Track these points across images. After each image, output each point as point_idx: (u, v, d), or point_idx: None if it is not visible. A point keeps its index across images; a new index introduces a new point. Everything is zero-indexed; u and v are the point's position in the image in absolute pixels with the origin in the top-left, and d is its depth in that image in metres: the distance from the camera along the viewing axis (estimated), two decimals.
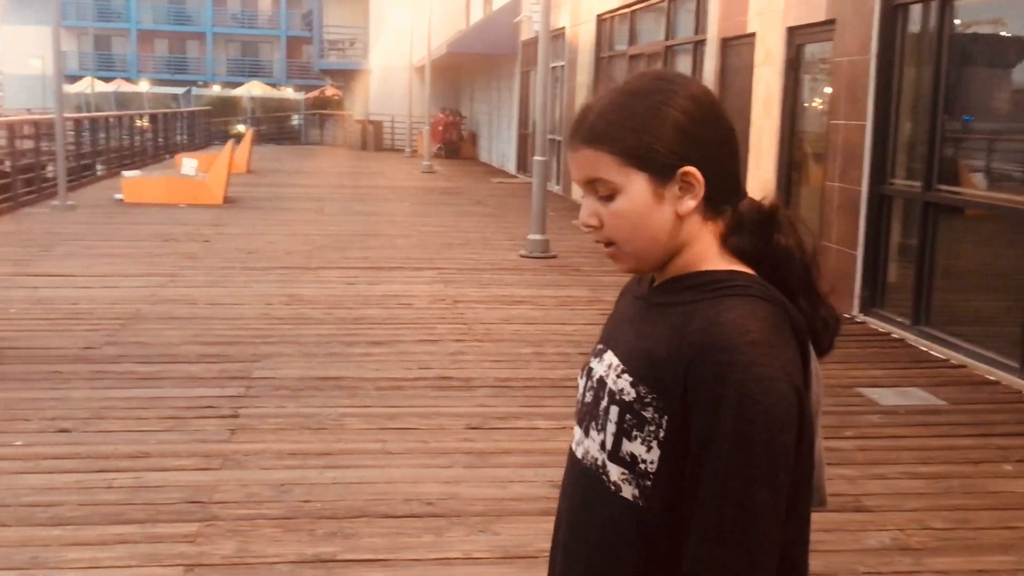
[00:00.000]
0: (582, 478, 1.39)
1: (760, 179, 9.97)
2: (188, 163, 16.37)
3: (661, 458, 1.29)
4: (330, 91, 47.02)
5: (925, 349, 7.09)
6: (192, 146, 29.85)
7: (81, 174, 18.76)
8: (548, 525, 3.95)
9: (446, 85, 34.60)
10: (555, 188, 18.54)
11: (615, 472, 1.33)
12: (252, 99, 46.43)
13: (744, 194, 1.39)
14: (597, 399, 1.38)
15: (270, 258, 10.55)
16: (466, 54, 26.46)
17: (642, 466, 1.30)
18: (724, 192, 1.36)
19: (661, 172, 1.33)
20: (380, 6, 35.95)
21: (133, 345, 6.66)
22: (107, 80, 50.56)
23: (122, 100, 46.06)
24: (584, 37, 17.05)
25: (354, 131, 36.03)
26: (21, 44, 58.02)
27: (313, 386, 5.83)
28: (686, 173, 1.32)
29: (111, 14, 58.29)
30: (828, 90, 9.02)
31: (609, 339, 1.43)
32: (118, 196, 15.72)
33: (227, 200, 15.93)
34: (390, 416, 5.33)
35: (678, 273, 1.37)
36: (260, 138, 34.87)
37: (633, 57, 14.82)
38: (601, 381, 1.38)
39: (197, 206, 15.19)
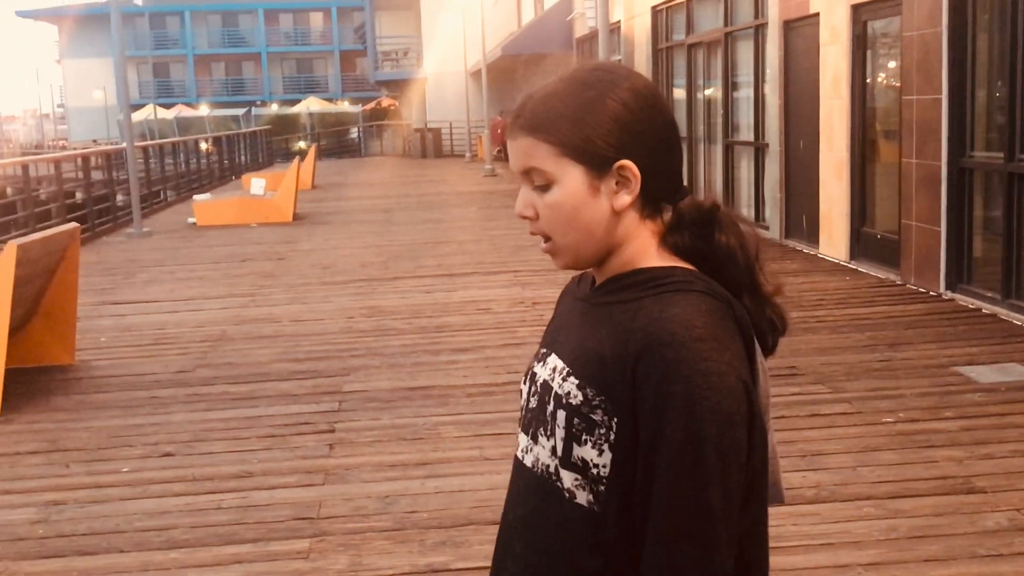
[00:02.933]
0: (533, 486, 1.34)
1: (833, 160, 9.82)
2: (256, 183, 16.60)
3: (613, 461, 1.25)
4: (386, 102, 47.39)
5: (1019, 323, 6.93)
6: (256, 166, 30.28)
7: (152, 201, 19.14)
8: None
9: (502, 87, 34.63)
10: None
11: (568, 479, 1.28)
12: (310, 115, 46.98)
13: (685, 192, 1.35)
14: (543, 404, 1.33)
15: (346, 271, 10.66)
16: (520, 55, 26.48)
17: (594, 471, 1.26)
18: (663, 189, 1.32)
19: (597, 165, 1.29)
20: (431, 14, 36.15)
21: (224, 366, 6.77)
22: (168, 106, 51.53)
23: (184, 125, 46.93)
24: (640, 30, 16.97)
25: (413, 140, 36.28)
26: (83, 77, 59.45)
27: (404, 396, 5.87)
28: (622, 167, 1.28)
29: (168, 41, 59.42)
30: (893, 65, 8.87)
31: (552, 342, 1.39)
32: (191, 220, 16.01)
33: (296, 217, 16.13)
34: (484, 422, 5.34)
35: (617, 272, 1.33)
36: (321, 153, 35.26)
37: (692, 46, 14.70)
38: (546, 385, 1.33)
39: (268, 225, 15.41)
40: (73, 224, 7.01)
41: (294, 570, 3.71)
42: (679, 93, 15.71)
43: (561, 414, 1.28)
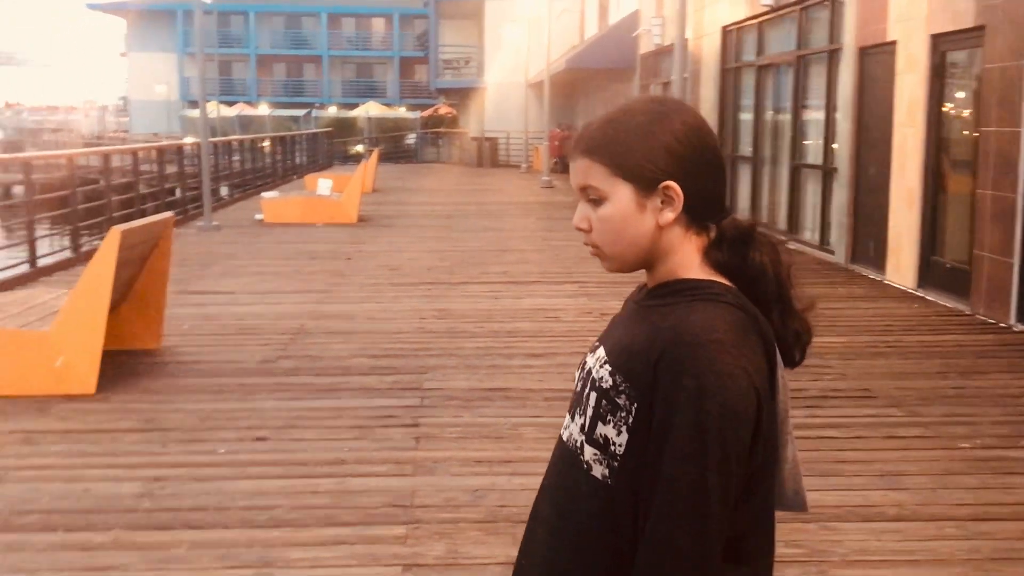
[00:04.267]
0: (564, 458, 1.53)
1: (904, 187, 9.86)
2: (323, 183, 16.88)
3: (629, 442, 1.41)
4: (444, 109, 47.76)
5: None
6: (315, 167, 30.67)
7: (215, 197, 19.48)
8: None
9: (560, 100, 34.83)
10: None
11: (589, 452, 1.46)
12: (369, 119, 47.44)
13: (727, 213, 1.51)
14: (584, 388, 1.51)
15: (413, 274, 10.85)
16: (581, 69, 26.64)
17: (612, 448, 1.43)
18: (706, 209, 1.49)
19: (645, 184, 1.46)
20: (495, 24, 36.43)
21: (306, 358, 6.97)
22: (230, 104, 52.25)
23: (244, 123, 47.61)
24: (708, 49, 17.05)
25: (470, 148, 36.53)
26: (147, 71, 60.44)
27: (483, 397, 6.03)
28: (667, 187, 1.45)
29: (232, 40, 60.26)
30: (969, 96, 8.90)
31: (604, 336, 1.56)
32: (258, 216, 16.32)
33: (360, 219, 16.38)
34: (561, 425, 5.46)
35: (663, 280, 1.50)
36: (378, 157, 35.64)
37: (762, 67, 14.77)
38: (589, 372, 1.51)
39: (333, 225, 15.67)
40: (168, 214, 7.25)
41: (393, 554, 3.87)
42: (746, 114, 15.78)
43: (593, 395, 1.47)
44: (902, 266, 9.93)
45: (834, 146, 11.86)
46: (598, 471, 1.44)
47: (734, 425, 1.35)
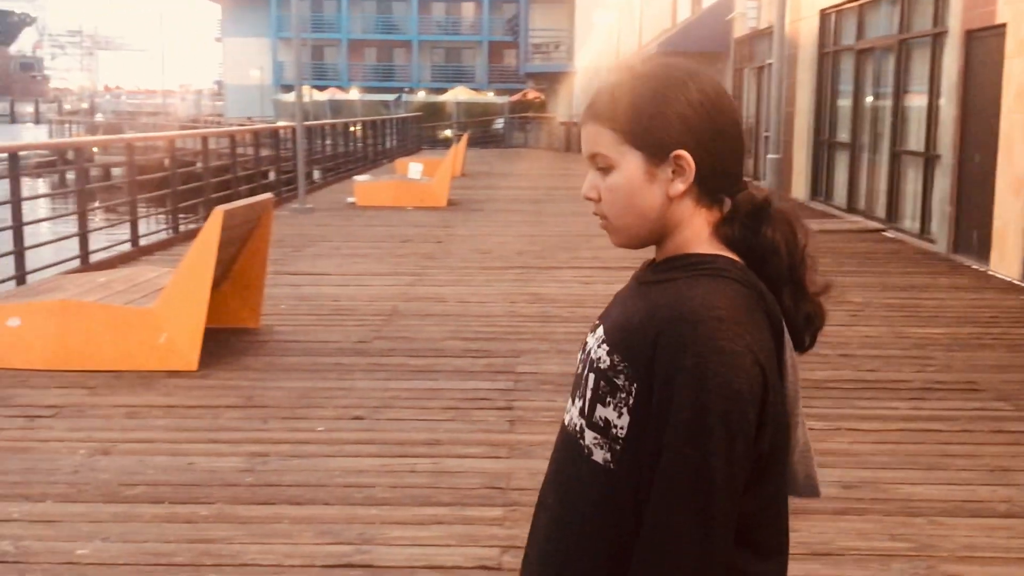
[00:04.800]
0: (566, 443, 1.44)
1: (1011, 175, 9.54)
2: (414, 167, 17.00)
3: (631, 424, 1.34)
4: (532, 94, 47.69)
5: None
6: (404, 151, 30.91)
7: (309, 180, 19.76)
8: (843, 523, 3.98)
9: None
10: (763, 184, 18.22)
11: (589, 436, 1.38)
12: (457, 104, 47.64)
13: (743, 187, 1.42)
14: (583, 369, 1.44)
15: (504, 258, 10.87)
16: (673, 53, 26.33)
17: (613, 431, 1.35)
18: (720, 182, 1.40)
19: (654, 152, 1.38)
20: (586, 9, 36.24)
21: (400, 340, 7.03)
22: (321, 89, 52.93)
23: (335, 108, 48.16)
24: (805, 33, 16.71)
25: (558, 133, 36.42)
26: (241, 56, 61.57)
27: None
28: (678, 156, 1.37)
29: (324, 25, 61.01)
30: None
31: (604, 315, 1.48)
32: (349, 199, 16.51)
33: (450, 203, 16.46)
34: None
35: (671, 254, 1.42)
36: (467, 142, 35.77)
37: (862, 52, 14.42)
38: (589, 352, 1.44)
39: (423, 209, 15.78)
40: (268, 195, 7.37)
41: (491, 535, 3.88)
42: (844, 100, 15.44)
43: (591, 377, 1.39)
44: (1007, 256, 9.61)
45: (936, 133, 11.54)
46: (599, 456, 1.37)
47: (738, 405, 1.28)
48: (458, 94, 49.32)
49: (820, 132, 16.48)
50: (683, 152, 1.37)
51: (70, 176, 34.97)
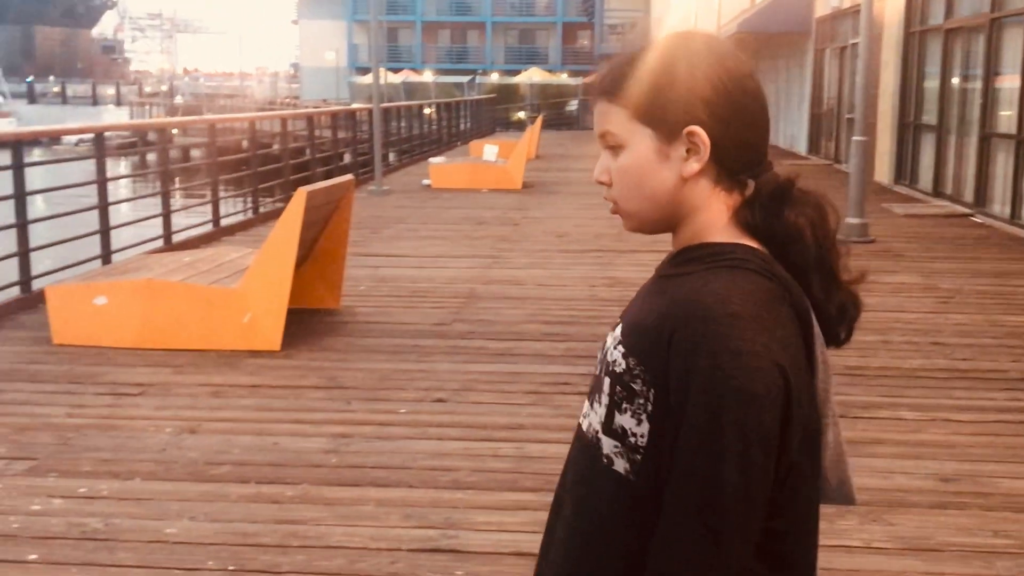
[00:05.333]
0: (584, 451, 1.33)
1: None
2: (489, 149, 16.97)
3: (651, 432, 1.23)
4: None
5: None
6: (478, 133, 30.91)
7: (385, 162, 19.84)
8: (944, 518, 3.84)
9: None
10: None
11: (608, 445, 1.28)
12: (531, 86, 47.53)
13: (768, 166, 1.30)
14: (600, 371, 1.33)
15: (581, 241, 10.77)
16: (752, 33, 25.90)
17: (632, 439, 1.25)
18: (740, 161, 1.28)
19: (667, 129, 1.27)
20: None
21: (479, 322, 6.99)
22: (395, 71, 53.21)
23: (409, 90, 48.41)
24: (891, 12, 16.27)
25: None
26: (317, 38, 62.15)
27: None
28: (691, 133, 1.25)
29: (398, 7, 61.25)
30: None
31: (625, 312, 1.37)
32: (425, 182, 16.54)
33: (525, 185, 16.40)
34: None
35: (687, 244, 1.31)
36: (541, 124, 35.67)
37: (950, 31, 14.00)
38: (606, 354, 1.33)
39: (498, 191, 15.74)
40: (349, 176, 7.37)
41: None
42: (930, 81, 15.01)
43: (607, 381, 1.29)
44: None
45: None
46: (619, 465, 1.26)
47: (755, 410, 1.16)
48: (532, 76, 49.23)
49: (905, 114, 16.05)
50: (697, 128, 1.26)
51: (150, 157, 35.67)
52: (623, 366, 1.26)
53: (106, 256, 8.30)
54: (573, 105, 46.13)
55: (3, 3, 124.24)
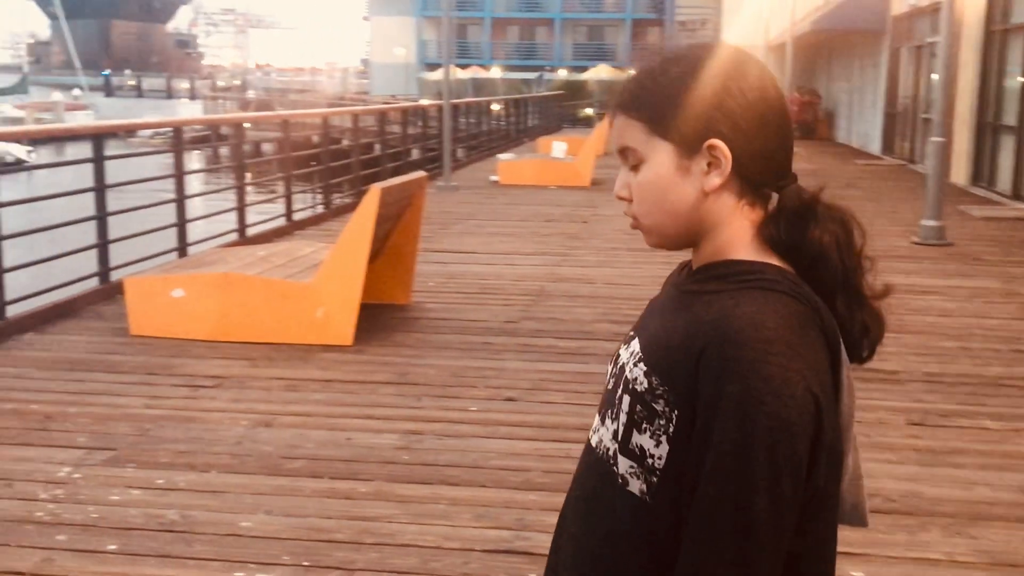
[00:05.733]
0: (594, 467, 1.30)
1: None
2: (558, 146, 16.94)
3: (670, 454, 1.19)
4: None
5: None
6: (546, 130, 30.86)
7: (453, 158, 19.88)
8: None
9: (800, 64, 33.56)
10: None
11: (624, 465, 1.24)
12: (599, 82, 47.35)
13: (792, 179, 1.27)
14: (616, 387, 1.28)
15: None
16: (825, 31, 25.52)
17: (650, 461, 1.21)
18: (763, 174, 1.24)
19: (687, 143, 1.23)
20: None
21: (548, 320, 6.97)
22: (463, 67, 53.37)
23: (478, 86, 48.52)
24: (971, 11, 15.90)
25: None
26: (387, 35, 62.58)
27: None
28: (712, 146, 1.22)
29: (468, 4, 61.43)
30: None
31: (640, 327, 1.33)
32: (492, 178, 16.55)
33: (593, 182, 16.33)
34: None
35: (709, 260, 1.27)
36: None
37: None
38: (623, 368, 1.28)
39: (566, 188, 15.69)
40: (421, 173, 7.39)
41: None
42: (1012, 80, 14.64)
43: (626, 399, 1.24)
44: None
45: None
46: (635, 486, 1.23)
47: (787, 438, 1.13)
48: (600, 72, 49.02)
49: (984, 115, 15.68)
50: (717, 142, 1.22)
51: (222, 151, 36.21)
52: (645, 385, 1.22)
53: (182, 249, 8.42)
54: None
55: None
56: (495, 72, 54.81)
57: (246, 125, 12.97)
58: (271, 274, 6.44)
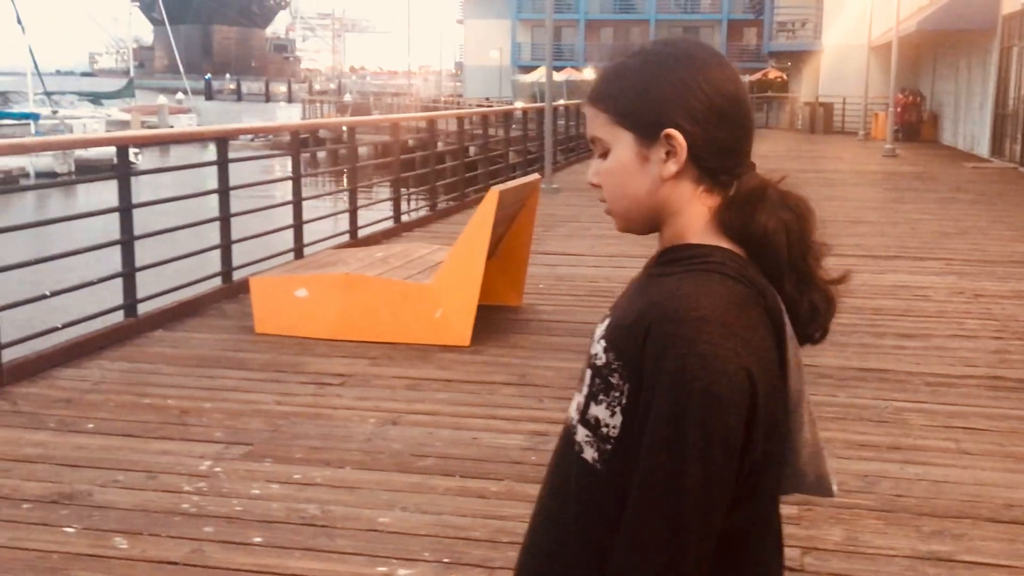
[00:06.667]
0: (563, 434, 1.40)
1: None
2: None
3: (623, 424, 1.28)
4: (772, 73, 46.36)
5: None
6: None
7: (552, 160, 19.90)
8: None
9: (903, 64, 32.81)
10: None
11: (581, 433, 1.33)
12: None
13: (750, 167, 1.34)
14: (585, 363, 1.38)
15: None
16: (931, 31, 24.91)
17: (604, 430, 1.30)
18: (720, 163, 1.32)
19: (645, 132, 1.32)
20: None
21: None
22: (558, 69, 53.37)
23: (572, 88, 48.43)
24: None
25: (801, 113, 35.22)
26: (482, 38, 62.93)
27: (856, 377, 5.73)
28: (668, 135, 1.30)
29: (562, 6, 61.39)
30: None
31: (614, 307, 1.40)
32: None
33: None
34: (951, 414, 5.10)
35: (669, 244, 1.36)
36: None
37: None
38: (591, 346, 1.37)
39: None
40: (536, 176, 7.43)
41: (790, 534, 3.66)
42: None
43: (588, 373, 1.33)
44: None
45: None
46: (588, 454, 1.32)
47: (718, 411, 1.20)
48: None
49: None
50: (673, 131, 1.30)
51: (320, 154, 36.86)
52: (603, 360, 1.31)
53: (298, 250, 8.60)
54: None
55: (185, 3, 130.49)
56: (588, 74, 54.66)
57: (343, 128, 13.15)
58: (390, 275, 6.53)
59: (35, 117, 37.23)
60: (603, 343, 1.33)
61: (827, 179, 18.08)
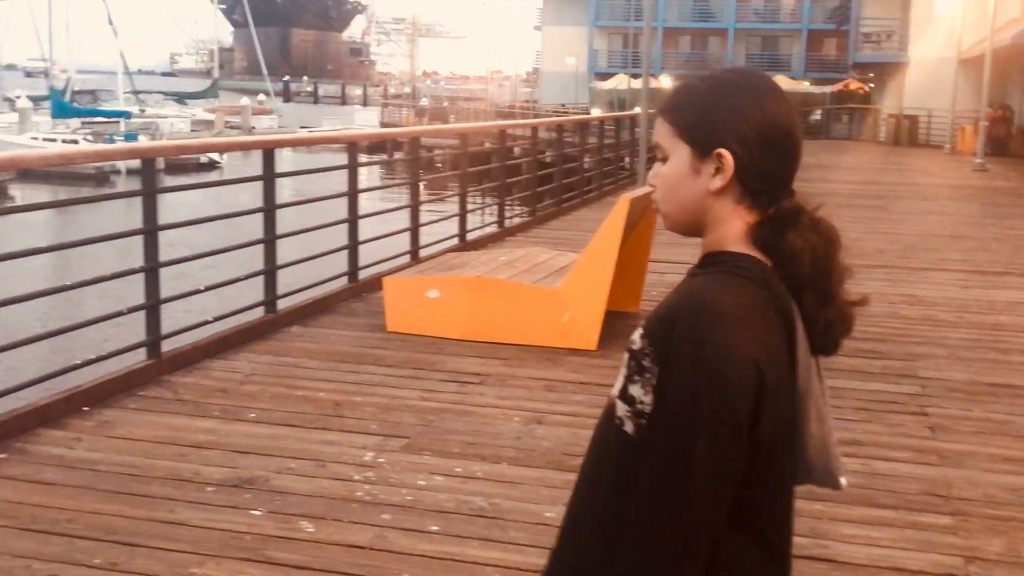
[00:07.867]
0: (606, 410, 1.52)
1: None
2: None
3: (654, 401, 1.41)
4: (855, 84, 45.80)
5: None
6: None
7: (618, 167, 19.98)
8: None
9: (992, 78, 32.24)
10: None
11: (621, 408, 1.46)
12: None
13: (790, 193, 1.49)
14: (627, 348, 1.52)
15: (863, 255, 10.50)
16: (1021, 45, 24.46)
17: (640, 406, 1.43)
18: (762, 185, 1.47)
19: (700, 148, 1.48)
20: None
21: None
22: (635, 76, 53.30)
23: (649, 96, 48.37)
24: None
25: (885, 125, 34.78)
26: (559, 44, 63.07)
27: (988, 392, 5.75)
28: (720, 154, 1.46)
29: (640, 14, 61.35)
30: None
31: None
32: None
33: None
34: None
35: (709, 249, 1.52)
36: None
37: None
38: (634, 333, 1.50)
39: None
40: None
41: (949, 543, 3.80)
42: None
43: (626, 356, 1.48)
44: None
45: None
46: (629, 427, 1.45)
47: (727, 394, 1.36)
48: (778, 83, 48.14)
49: None
50: (724, 151, 1.47)
51: (394, 157, 37.19)
52: (638, 345, 1.46)
53: (414, 252, 8.80)
54: (817, 114, 44.87)
55: (266, 6, 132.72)
56: (664, 81, 54.50)
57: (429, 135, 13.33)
58: (519, 279, 6.69)
59: (127, 115, 38.27)
60: (640, 331, 1.48)
61: (920, 192, 17.91)
